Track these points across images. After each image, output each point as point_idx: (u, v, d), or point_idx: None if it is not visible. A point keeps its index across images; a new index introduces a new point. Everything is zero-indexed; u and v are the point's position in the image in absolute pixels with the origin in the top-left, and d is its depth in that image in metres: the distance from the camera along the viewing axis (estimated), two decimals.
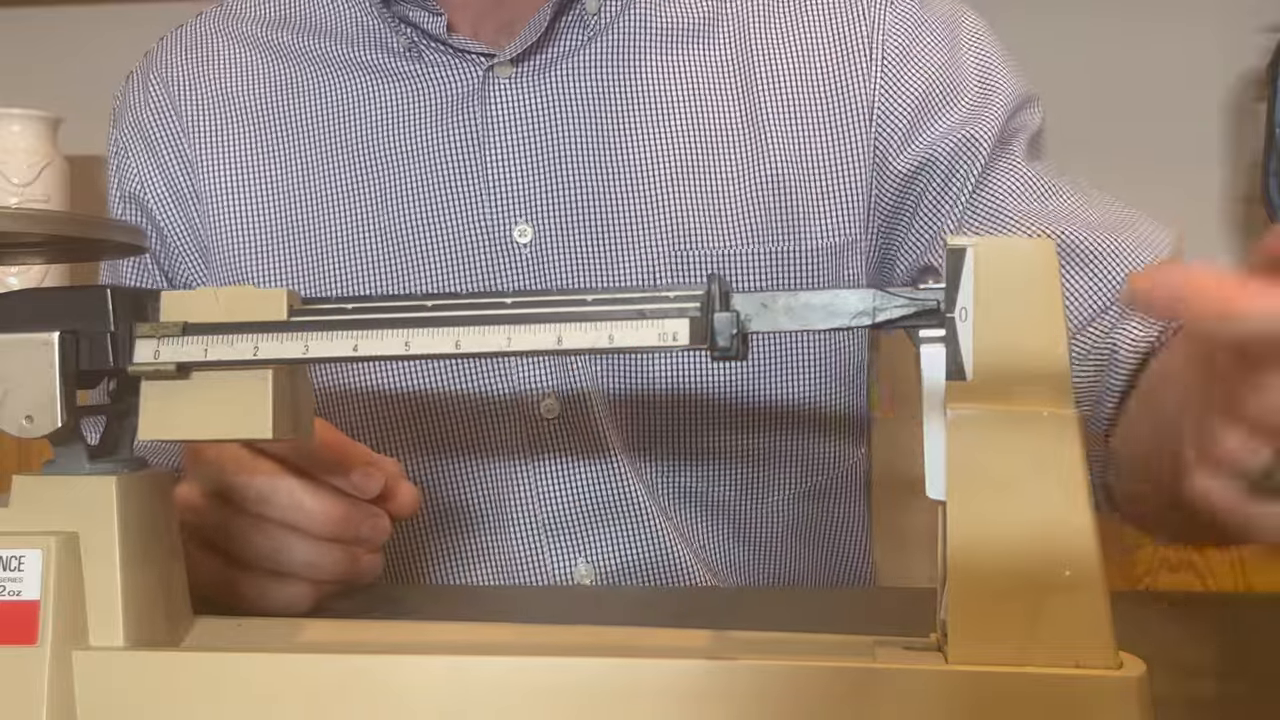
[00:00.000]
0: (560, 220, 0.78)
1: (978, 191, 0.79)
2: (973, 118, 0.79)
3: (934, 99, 0.80)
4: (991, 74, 0.81)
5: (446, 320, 0.43)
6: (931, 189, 0.80)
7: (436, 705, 0.42)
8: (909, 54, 0.81)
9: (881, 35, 0.81)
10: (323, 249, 0.81)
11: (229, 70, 0.86)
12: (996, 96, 0.80)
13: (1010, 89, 0.81)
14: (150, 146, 0.86)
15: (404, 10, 0.81)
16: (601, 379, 0.78)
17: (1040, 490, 0.40)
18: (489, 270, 0.78)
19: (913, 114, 0.80)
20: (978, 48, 0.82)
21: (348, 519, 0.59)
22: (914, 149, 0.80)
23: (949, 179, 0.79)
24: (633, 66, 0.81)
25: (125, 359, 0.45)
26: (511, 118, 0.80)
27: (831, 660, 0.41)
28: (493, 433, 0.79)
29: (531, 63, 0.80)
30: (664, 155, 0.79)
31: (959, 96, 0.80)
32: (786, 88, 0.81)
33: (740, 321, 0.42)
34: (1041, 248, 0.40)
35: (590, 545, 0.79)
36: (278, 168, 0.83)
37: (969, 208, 0.79)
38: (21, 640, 0.43)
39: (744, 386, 0.78)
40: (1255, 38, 1.71)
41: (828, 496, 0.85)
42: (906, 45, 0.81)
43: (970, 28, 0.83)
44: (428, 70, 0.81)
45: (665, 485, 0.79)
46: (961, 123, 0.79)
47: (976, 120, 0.79)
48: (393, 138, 0.81)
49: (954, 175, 0.79)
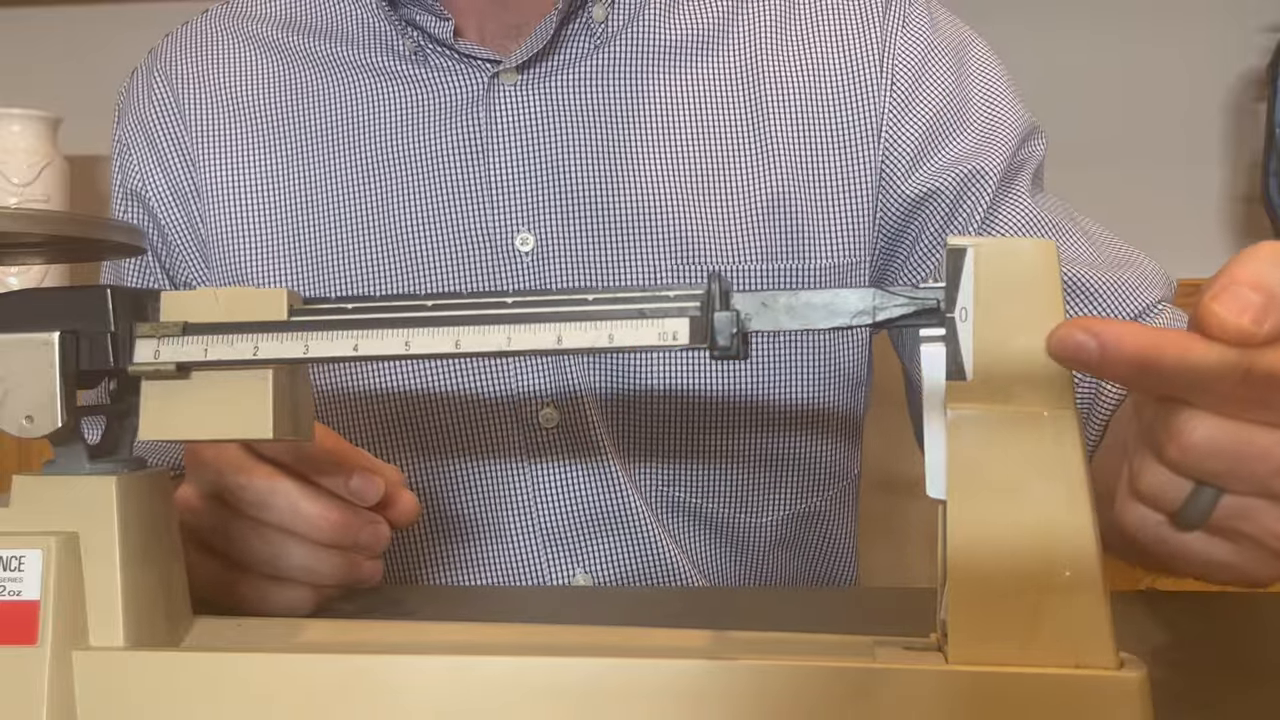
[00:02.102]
0: (562, 229, 0.78)
1: (984, 227, 0.79)
2: (979, 150, 0.79)
3: (942, 126, 0.80)
4: (999, 105, 0.81)
5: (447, 320, 0.43)
6: (935, 220, 0.79)
7: (436, 705, 0.42)
8: (920, 78, 0.81)
9: (893, 58, 0.81)
10: (323, 251, 0.81)
11: (234, 69, 0.86)
12: (1004, 129, 0.80)
13: (1016, 120, 0.81)
14: (153, 143, 0.86)
15: (411, 14, 0.81)
16: (600, 389, 0.78)
17: (1040, 490, 0.40)
18: (490, 277, 0.78)
19: (921, 139, 0.80)
20: (985, 76, 0.82)
21: (346, 525, 0.58)
22: (920, 175, 0.79)
23: (954, 211, 0.79)
24: (638, 77, 0.80)
25: (125, 359, 0.45)
26: (515, 124, 0.79)
27: (831, 660, 0.41)
28: (491, 442, 0.78)
29: (537, 70, 0.80)
30: (668, 167, 0.79)
31: (966, 126, 0.80)
32: (794, 103, 0.80)
33: (740, 321, 0.42)
34: (1041, 248, 0.40)
35: (588, 555, 0.79)
36: (280, 168, 0.83)
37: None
38: (21, 640, 0.43)
39: (744, 399, 0.78)
40: (1255, 38, 1.71)
41: (823, 515, 0.85)
42: (918, 69, 0.81)
43: (978, 55, 0.83)
44: (433, 75, 0.81)
45: (662, 497, 0.79)
46: (969, 154, 0.79)
47: (983, 153, 0.79)
48: (396, 141, 0.81)
49: (959, 208, 0.79)
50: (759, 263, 0.78)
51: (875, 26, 0.81)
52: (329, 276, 0.80)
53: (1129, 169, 1.74)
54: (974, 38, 0.84)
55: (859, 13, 0.82)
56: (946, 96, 0.81)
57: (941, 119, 0.80)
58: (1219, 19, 1.74)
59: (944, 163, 0.79)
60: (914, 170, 0.79)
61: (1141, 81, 1.75)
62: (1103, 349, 0.38)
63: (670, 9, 0.82)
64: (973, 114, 0.81)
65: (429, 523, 0.79)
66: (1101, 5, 1.76)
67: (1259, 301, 0.37)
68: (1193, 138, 1.76)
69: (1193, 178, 1.76)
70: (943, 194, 0.79)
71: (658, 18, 0.81)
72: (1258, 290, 0.38)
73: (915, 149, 0.80)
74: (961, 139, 0.80)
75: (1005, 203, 0.79)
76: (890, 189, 0.80)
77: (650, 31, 0.81)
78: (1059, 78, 1.72)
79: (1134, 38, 1.76)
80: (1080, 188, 1.69)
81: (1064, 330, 0.39)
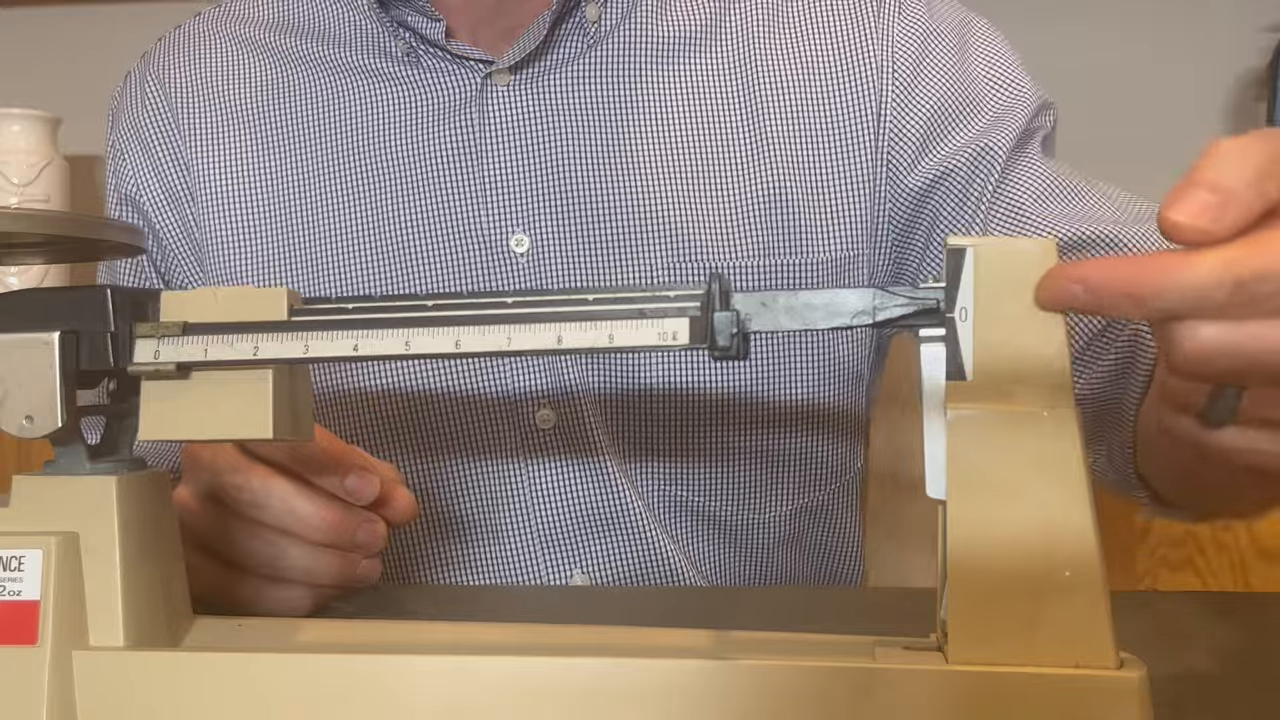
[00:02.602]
0: (557, 230, 0.78)
1: (997, 195, 0.77)
2: (990, 128, 0.78)
3: (948, 111, 0.79)
4: (1008, 83, 0.80)
5: (447, 320, 0.43)
6: (950, 202, 0.79)
7: (436, 705, 0.42)
8: (921, 65, 0.80)
9: (891, 46, 0.80)
10: (318, 254, 0.81)
11: (226, 72, 0.86)
12: (1015, 107, 0.79)
13: (1027, 97, 0.80)
14: (146, 148, 0.86)
15: (402, 15, 0.80)
16: (597, 388, 0.78)
17: (1040, 490, 0.40)
18: (485, 279, 0.78)
19: (926, 128, 0.79)
20: (989, 55, 0.81)
21: (342, 524, 0.58)
22: (929, 163, 0.79)
23: (966, 190, 0.78)
24: (632, 76, 0.80)
25: (125, 359, 0.45)
26: (509, 125, 0.79)
27: (831, 660, 0.41)
28: (488, 442, 0.78)
29: (530, 70, 0.80)
30: (664, 166, 0.78)
31: (975, 108, 0.79)
32: (790, 98, 0.80)
33: (740, 320, 0.42)
34: (1042, 247, 0.40)
35: (586, 555, 0.79)
36: (274, 171, 0.82)
37: (990, 214, 0.77)
38: (21, 640, 0.43)
39: (743, 396, 0.78)
40: (1255, 38, 1.72)
41: (825, 510, 0.85)
42: (918, 56, 0.80)
43: (980, 35, 0.82)
44: (426, 76, 0.81)
45: (661, 496, 0.79)
46: (979, 134, 0.78)
47: (994, 130, 0.78)
48: (389, 143, 0.81)
49: (971, 185, 0.78)
50: (758, 258, 0.78)
51: (870, 16, 0.81)
52: (324, 278, 0.80)
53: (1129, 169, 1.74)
54: (973, 17, 0.83)
55: (853, 3, 0.81)
56: (950, 81, 0.79)
57: (947, 104, 0.79)
58: (1219, 19, 1.74)
59: (954, 147, 0.78)
60: (921, 159, 0.79)
61: (1142, 81, 1.76)
62: (1089, 289, 0.38)
63: (663, 7, 0.82)
64: (980, 96, 0.79)
65: (427, 523, 0.79)
66: (1102, 5, 1.76)
67: (1215, 200, 0.37)
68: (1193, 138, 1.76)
69: None
70: (954, 175, 0.78)
71: (650, 16, 0.81)
72: (1215, 190, 0.38)
73: (921, 138, 0.79)
74: (971, 122, 0.79)
75: (1017, 169, 0.78)
76: (897, 180, 0.79)
77: (643, 30, 0.81)
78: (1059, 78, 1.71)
79: (1134, 38, 1.76)
80: None
81: (1048, 280, 0.39)
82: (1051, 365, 0.40)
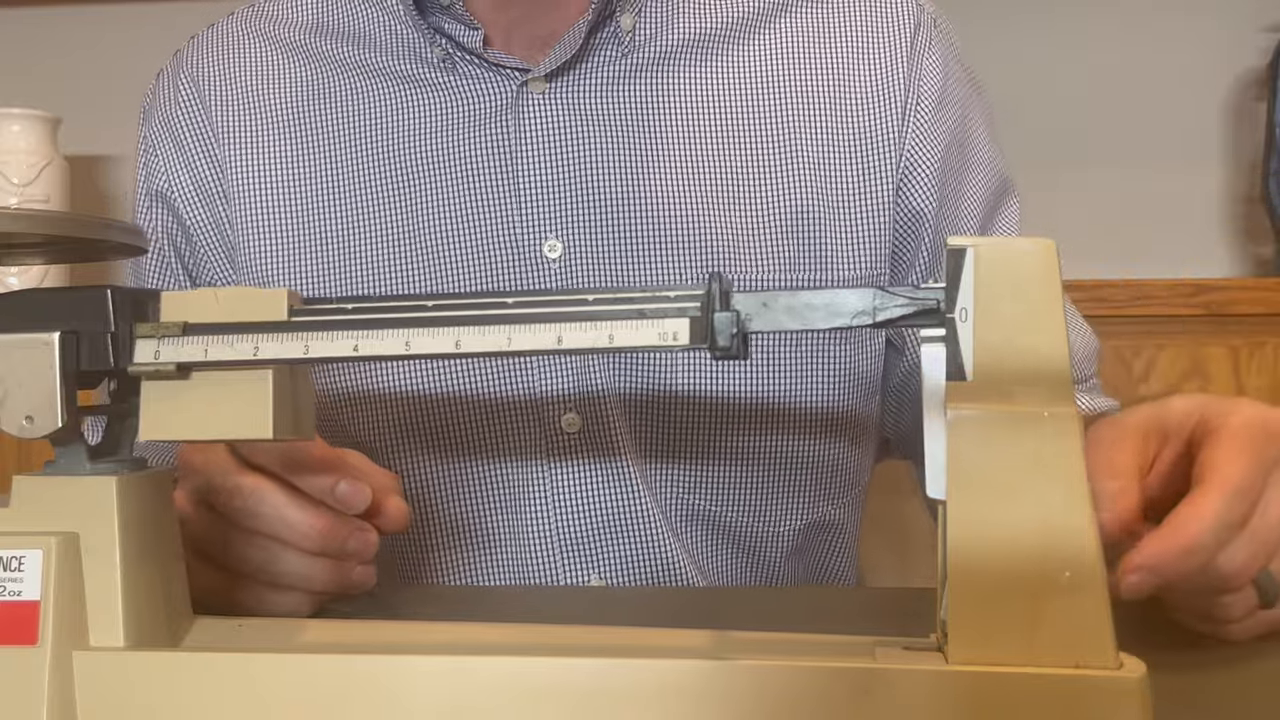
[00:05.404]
0: (590, 236, 0.78)
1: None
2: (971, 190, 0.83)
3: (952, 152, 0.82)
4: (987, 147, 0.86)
5: (447, 320, 0.43)
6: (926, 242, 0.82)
7: (436, 705, 0.42)
8: (941, 104, 0.82)
9: (918, 78, 0.82)
10: (352, 258, 0.80)
11: (261, 73, 0.85)
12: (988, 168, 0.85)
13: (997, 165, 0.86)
14: (179, 145, 0.86)
15: (440, 22, 0.80)
16: (624, 393, 0.77)
17: (1040, 490, 0.40)
18: (518, 284, 0.78)
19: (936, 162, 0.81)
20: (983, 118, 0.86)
21: (333, 532, 0.58)
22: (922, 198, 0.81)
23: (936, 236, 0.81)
24: (666, 85, 0.80)
25: (125, 359, 0.45)
26: (544, 133, 0.79)
27: (831, 660, 0.41)
28: (512, 445, 0.78)
29: (565, 79, 0.80)
30: (694, 175, 0.79)
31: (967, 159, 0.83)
32: (821, 113, 0.81)
33: (740, 321, 0.42)
34: (1041, 247, 0.40)
35: (604, 560, 0.78)
36: (308, 174, 0.82)
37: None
38: (22, 640, 0.43)
39: (770, 404, 0.78)
40: (1255, 38, 1.72)
41: (837, 521, 0.85)
42: (939, 95, 0.82)
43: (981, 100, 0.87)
44: (461, 83, 0.81)
45: (679, 503, 0.79)
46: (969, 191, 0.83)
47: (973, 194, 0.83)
48: (424, 149, 0.81)
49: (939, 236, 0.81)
50: (780, 272, 0.79)
51: (905, 47, 0.82)
52: (357, 282, 0.80)
53: (1129, 169, 1.74)
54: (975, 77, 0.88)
55: (888, 32, 0.83)
56: (957, 126, 0.83)
57: (952, 146, 0.83)
58: (1219, 19, 1.74)
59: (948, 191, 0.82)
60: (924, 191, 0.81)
61: (1142, 81, 1.76)
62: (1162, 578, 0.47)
63: (697, 18, 0.82)
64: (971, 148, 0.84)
65: (446, 525, 0.79)
66: (1102, 5, 1.76)
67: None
68: (1193, 138, 1.76)
69: (1193, 178, 1.76)
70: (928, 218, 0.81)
71: (685, 25, 0.82)
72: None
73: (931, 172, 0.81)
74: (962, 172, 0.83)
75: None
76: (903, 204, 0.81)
77: (677, 39, 0.81)
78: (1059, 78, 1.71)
79: (1134, 38, 1.76)
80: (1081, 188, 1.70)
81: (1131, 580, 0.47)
82: (1051, 365, 0.40)
